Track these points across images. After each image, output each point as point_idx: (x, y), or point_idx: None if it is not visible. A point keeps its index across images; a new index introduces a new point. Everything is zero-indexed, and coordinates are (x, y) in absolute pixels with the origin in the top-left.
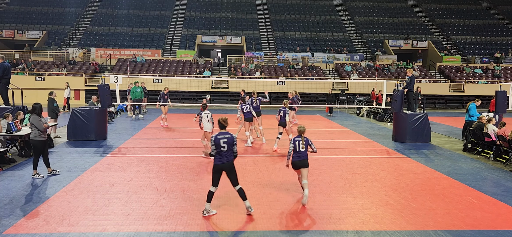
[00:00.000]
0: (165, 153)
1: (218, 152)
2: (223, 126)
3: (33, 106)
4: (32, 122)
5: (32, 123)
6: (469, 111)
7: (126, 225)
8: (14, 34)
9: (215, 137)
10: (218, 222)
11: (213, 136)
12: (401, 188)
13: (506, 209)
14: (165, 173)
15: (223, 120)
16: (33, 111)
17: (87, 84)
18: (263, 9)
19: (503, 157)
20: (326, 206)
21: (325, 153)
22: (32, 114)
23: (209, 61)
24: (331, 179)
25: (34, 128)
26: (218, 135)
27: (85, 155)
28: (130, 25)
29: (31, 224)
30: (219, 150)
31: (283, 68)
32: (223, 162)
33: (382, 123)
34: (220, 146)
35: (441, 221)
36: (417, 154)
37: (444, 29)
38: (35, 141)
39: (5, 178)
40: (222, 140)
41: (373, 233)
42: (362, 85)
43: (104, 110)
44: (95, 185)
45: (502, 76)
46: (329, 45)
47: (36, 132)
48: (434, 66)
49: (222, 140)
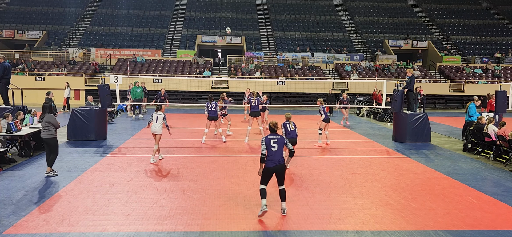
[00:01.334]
0: (165, 153)
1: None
2: (273, 130)
3: (45, 105)
4: (48, 120)
5: (48, 121)
6: (469, 111)
7: (126, 225)
8: (14, 34)
9: (266, 138)
10: (218, 222)
11: (264, 137)
12: (401, 188)
13: (506, 209)
14: (165, 173)
15: (274, 124)
16: (46, 110)
17: (87, 84)
18: (263, 9)
19: (503, 157)
20: (326, 206)
21: (325, 153)
22: (46, 112)
23: (209, 61)
24: (331, 179)
25: (50, 125)
26: (269, 136)
27: (85, 155)
28: (130, 25)
29: (31, 224)
30: (270, 151)
31: (283, 68)
32: (274, 164)
33: (382, 123)
34: (271, 147)
35: (441, 221)
36: (417, 154)
37: (444, 29)
38: (52, 138)
39: (5, 178)
40: (272, 140)
41: (373, 233)
42: (362, 85)
43: (104, 110)
44: (95, 185)
45: (502, 76)
46: (329, 45)
47: (52, 130)
48: (434, 66)
49: (272, 140)
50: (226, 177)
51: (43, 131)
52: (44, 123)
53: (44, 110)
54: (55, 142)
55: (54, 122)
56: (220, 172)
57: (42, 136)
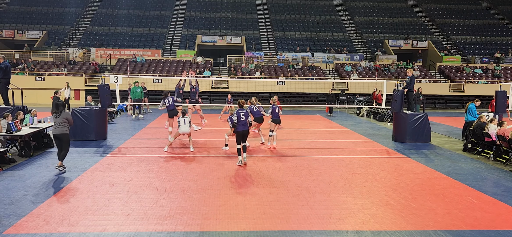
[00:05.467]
0: (165, 153)
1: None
2: (241, 106)
3: (59, 103)
4: (66, 117)
5: (65, 118)
6: (472, 112)
7: (126, 225)
8: (14, 34)
9: (237, 111)
10: (218, 222)
11: (235, 111)
12: (401, 188)
13: (506, 209)
14: (165, 173)
15: (242, 102)
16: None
17: (87, 84)
18: (263, 9)
19: (503, 157)
20: (326, 206)
21: (325, 153)
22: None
23: (209, 61)
24: (331, 179)
25: (65, 122)
26: (239, 110)
27: (85, 155)
28: (130, 25)
29: (31, 224)
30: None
31: (283, 68)
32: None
33: (382, 123)
34: (240, 117)
35: (441, 221)
36: (417, 154)
37: (444, 29)
38: (66, 134)
39: (5, 178)
40: (241, 113)
41: (373, 233)
42: (362, 85)
43: (104, 110)
44: (95, 185)
45: (502, 76)
46: (329, 45)
47: (67, 126)
48: (434, 66)
49: (241, 113)
50: (226, 177)
51: (58, 127)
52: (61, 119)
53: (58, 107)
54: (68, 138)
55: (70, 119)
56: (220, 172)
57: (56, 132)
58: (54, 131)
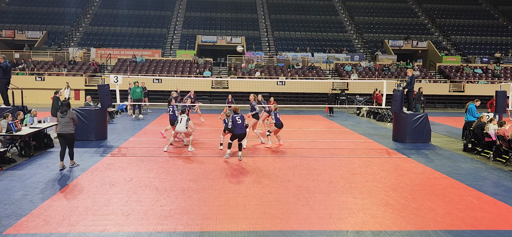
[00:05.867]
0: (165, 153)
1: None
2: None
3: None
4: (72, 116)
5: (71, 118)
6: (472, 112)
7: (126, 225)
8: (14, 34)
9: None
10: (218, 222)
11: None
12: (401, 188)
13: (506, 209)
14: (165, 173)
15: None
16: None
17: (87, 84)
18: (263, 9)
19: (503, 157)
20: (326, 206)
21: (325, 153)
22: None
23: (209, 61)
24: (331, 179)
25: (71, 122)
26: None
27: (85, 155)
28: (130, 25)
29: (31, 224)
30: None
31: (283, 68)
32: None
33: (382, 123)
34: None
35: (441, 221)
36: (417, 154)
37: (444, 29)
38: (72, 134)
39: (5, 178)
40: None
41: (373, 233)
42: (362, 85)
43: (104, 110)
44: (95, 185)
45: (502, 76)
46: (329, 45)
47: (72, 126)
48: (434, 66)
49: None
50: (226, 177)
51: (64, 127)
52: (67, 119)
53: (63, 107)
54: (74, 137)
55: (76, 118)
56: (220, 172)
57: (62, 132)
58: (60, 130)
